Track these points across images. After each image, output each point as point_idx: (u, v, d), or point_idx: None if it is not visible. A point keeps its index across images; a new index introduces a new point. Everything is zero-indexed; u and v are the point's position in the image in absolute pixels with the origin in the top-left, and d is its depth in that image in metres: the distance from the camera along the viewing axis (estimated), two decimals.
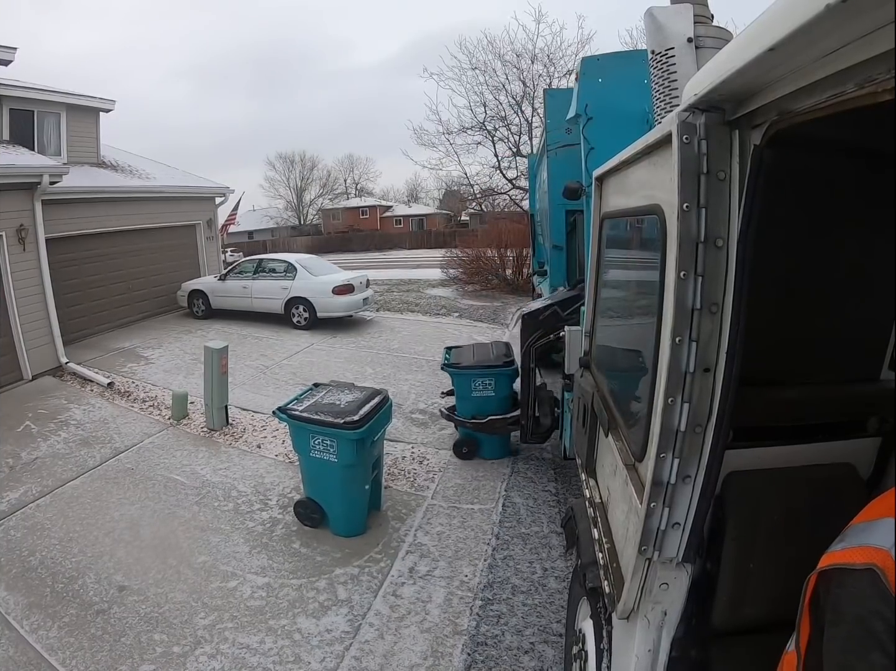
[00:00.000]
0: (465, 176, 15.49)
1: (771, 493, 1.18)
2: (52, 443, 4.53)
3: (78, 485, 3.84)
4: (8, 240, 5.91)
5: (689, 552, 1.05)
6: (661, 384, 0.98)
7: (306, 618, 2.46)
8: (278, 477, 3.75)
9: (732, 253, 0.92)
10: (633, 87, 2.34)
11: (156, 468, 3.96)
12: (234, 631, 2.43)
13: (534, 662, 2.14)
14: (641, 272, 1.40)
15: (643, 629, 1.15)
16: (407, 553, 2.87)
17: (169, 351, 6.94)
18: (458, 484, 3.60)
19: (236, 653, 2.31)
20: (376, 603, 2.52)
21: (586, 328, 1.96)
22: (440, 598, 2.52)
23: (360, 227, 35.62)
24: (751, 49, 0.70)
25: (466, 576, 2.66)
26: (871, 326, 1.41)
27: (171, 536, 3.16)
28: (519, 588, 2.54)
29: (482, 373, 3.85)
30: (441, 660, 2.20)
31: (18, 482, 3.93)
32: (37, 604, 2.72)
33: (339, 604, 2.53)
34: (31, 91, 8.90)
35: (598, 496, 1.56)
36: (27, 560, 3.06)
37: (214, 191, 10.56)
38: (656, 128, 1.12)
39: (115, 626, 2.53)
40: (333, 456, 2.75)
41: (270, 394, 5.24)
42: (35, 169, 6.04)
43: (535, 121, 13.72)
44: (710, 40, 1.50)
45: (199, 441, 4.38)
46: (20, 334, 6.04)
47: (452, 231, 27.11)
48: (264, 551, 2.94)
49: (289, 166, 38.17)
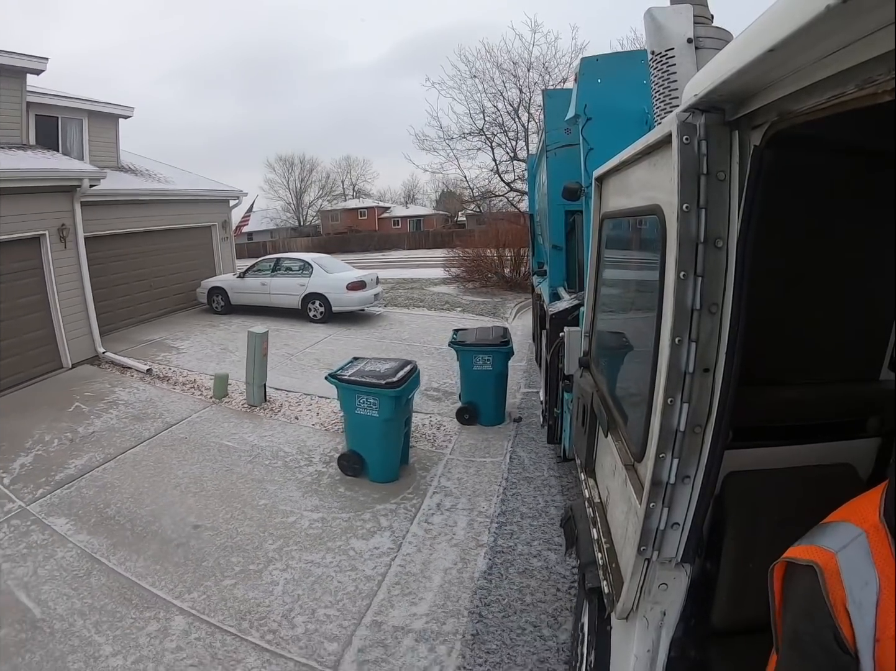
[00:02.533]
0: (465, 179, 16.18)
1: (771, 493, 1.17)
2: (105, 419, 5.07)
3: (138, 452, 4.39)
4: (50, 238, 6.44)
5: (688, 552, 1.04)
6: (661, 384, 0.98)
7: (357, 540, 3.06)
8: (317, 441, 4.35)
9: (732, 253, 0.92)
10: (633, 88, 2.36)
11: (207, 437, 4.53)
12: (298, 551, 3.02)
13: (540, 562, 2.78)
14: (641, 272, 1.41)
15: (642, 629, 1.15)
16: (434, 493, 3.49)
17: (197, 342, 7.50)
18: (472, 443, 4.25)
19: (303, 567, 2.90)
20: (413, 527, 3.13)
21: (586, 328, 1.97)
22: (464, 523, 3.14)
23: (359, 227, 36.11)
24: (751, 50, 0.70)
25: (484, 508, 3.29)
26: (871, 326, 1.39)
27: (232, 487, 3.73)
28: (526, 514, 3.19)
29: (482, 350, 4.49)
30: (468, 565, 2.81)
31: (81, 451, 4.46)
32: (120, 544, 3.26)
33: (382, 530, 3.13)
34: (55, 98, 9.39)
35: (597, 496, 1.56)
36: (104, 511, 3.60)
37: (228, 194, 11.12)
38: (656, 128, 1.11)
39: (195, 555, 3.09)
40: (375, 412, 3.38)
41: (299, 377, 5.84)
42: (76, 173, 6.59)
43: (532, 126, 14.43)
44: (710, 41, 1.50)
45: (241, 415, 4.96)
46: (61, 325, 6.56)
47: (450, 232, 27.74)
48: (315, 495, 3.54)
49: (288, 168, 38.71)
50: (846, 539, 0.61)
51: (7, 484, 3.96)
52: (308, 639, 2.41)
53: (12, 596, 2.78)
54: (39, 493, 3.80)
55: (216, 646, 2.41)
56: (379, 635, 2.42)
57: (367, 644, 2.37)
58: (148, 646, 2.42)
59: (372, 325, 8.69)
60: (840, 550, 0.60)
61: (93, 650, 2.41)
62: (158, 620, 2.59)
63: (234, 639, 2.44)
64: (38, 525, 3.44)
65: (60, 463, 4.22)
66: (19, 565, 3.03)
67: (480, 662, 2.24)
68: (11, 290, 6.01)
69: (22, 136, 7.40)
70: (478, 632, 2.39)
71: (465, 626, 2.43)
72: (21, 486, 3.88)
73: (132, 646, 2.43)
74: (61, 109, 9.38)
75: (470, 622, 2.45)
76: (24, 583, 2.87)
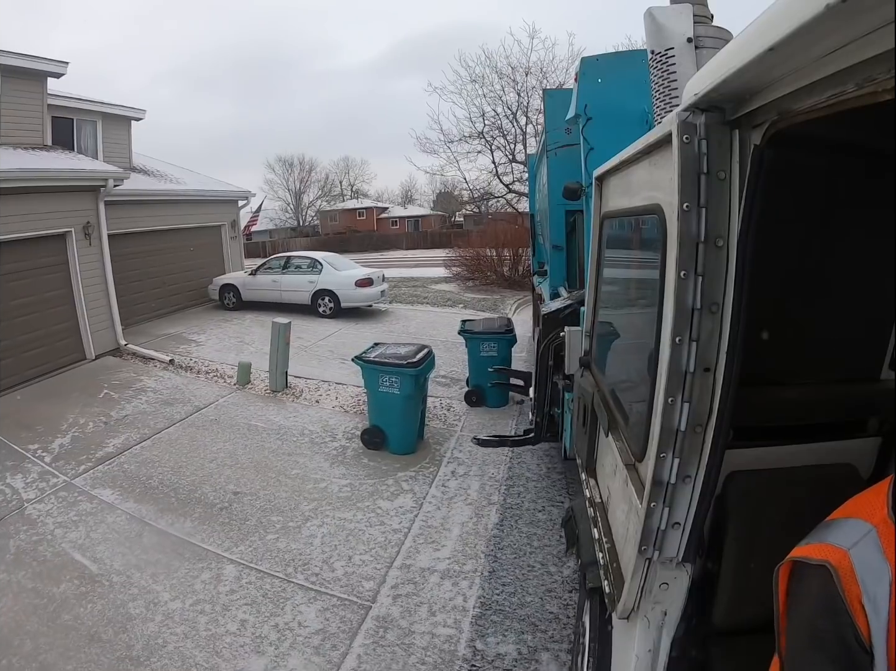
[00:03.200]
0: (465, 181, 16.64)
1: (771, 493, 1.17)
2: (135, 404, 5.43)
3: (172, 432, 4.75)
4: (76, 235, 6.78)
5: (689, 552, 1.05)
6: (662, 384, 0.98)
7: (383, 501, 3.47)
8: (339, 421, 4.76)
9: (732, 253, 0.91)
10: (633, 88, 2.36)
11: (235, 418, 4.91)
12: (331, 510, 3.42)
13: (545, 516, 3.22)
14: (641, 272, 1.40)
15: (643, 629, 1.15)
16: (448, 462, 3.93)
17: (214, 335, 7.87)
18: (479, 422, 4.69)
19: (337, 523, 3.30)
20: (431, 490, 3.55)
21: (586, 328, 1.99)
22: (476, 486, 3.57)
23: (358, 228, 36.43)
24: (751, 49, 0.69)
25: (493, 474, 3.73)
26: (871, 326, 1.39)
27: (264, 460, 4.12)
28: (531, 478, 3.63)
29: (488, 338, 4.95)
30: (482, 519, 3.23)
31: (117, 432, 4.81)
32: (166, 509, 3.62)
33: (404, 493, 3.54)
34: (71, 100, 9.71)
35: (598, 496, 1.57)
36: (147, 482, 3.96)
37: (237, 194, 11.48)
38: (656, 128, 1.11)
39: (238, 516, 3.47)
40: (397, 389, 3.82)
41: (315, 366, 6.24)
42: (102, 173, 6.95)
43: (530, 130, 14.91)
44: (710, 40, 1.50)
45: (265, 399, 5.35)
46: (85, 318, 6.90)
47: (448, 232, 28.17)
48: (342, 465, 3.94)
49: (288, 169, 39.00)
50: (857, 535, 0.61)
51: (49, 461, 4.29)
52: (347, 580, 2.80)
53: (68, 556, 3.10)
54: (82, 469, 4.14)
55: (266, 588, 2.79)
56: (409, 575, 2.82)
57: (399, 582, 2.77)
58: (203, 591, 2.78)
59: (379, 320, 9.10)
60: (852, 547, 0.60)
61: (152, 597, 2.75)
62: (211, 570, 2.95)
63: (282, 582, 2.82)
64: (86, 496, 3.78)
65: (98, 442, 4.56)
66: (71, 530, 3.35)
67: (497, 593, 2.66)
68: (39, 284, 6.35)
69: (43, 138, 7.73)
70: (494, 570, 2.81)
71: (482, 566, 2.84)
72: (63, 464, 4.21)
73: (189, 592, 2.78)
74: (76, 111, 9.69)
75: (486, 562, 2.86)
76: (79, 545, 3.20)
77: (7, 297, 5.89)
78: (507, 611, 2.54)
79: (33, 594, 2.72)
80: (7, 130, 7.00)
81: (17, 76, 7.13)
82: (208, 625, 2.52)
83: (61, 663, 2.29)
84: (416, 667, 2.24)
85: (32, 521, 3.39)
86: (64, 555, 3.08)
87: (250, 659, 2.33)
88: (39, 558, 3.03)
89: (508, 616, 2.50)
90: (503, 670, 2.21)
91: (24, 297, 6.09)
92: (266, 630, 2.48)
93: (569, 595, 2.58)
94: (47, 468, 4.16)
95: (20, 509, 3.52)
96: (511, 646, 2.33)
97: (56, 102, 9.35)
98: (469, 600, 2.61)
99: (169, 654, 2.35)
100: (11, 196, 5.75)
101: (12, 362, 5.90)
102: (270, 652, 2.35)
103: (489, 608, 2.56)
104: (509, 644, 2.34)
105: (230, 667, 2.29)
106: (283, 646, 2.38)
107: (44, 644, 2.39)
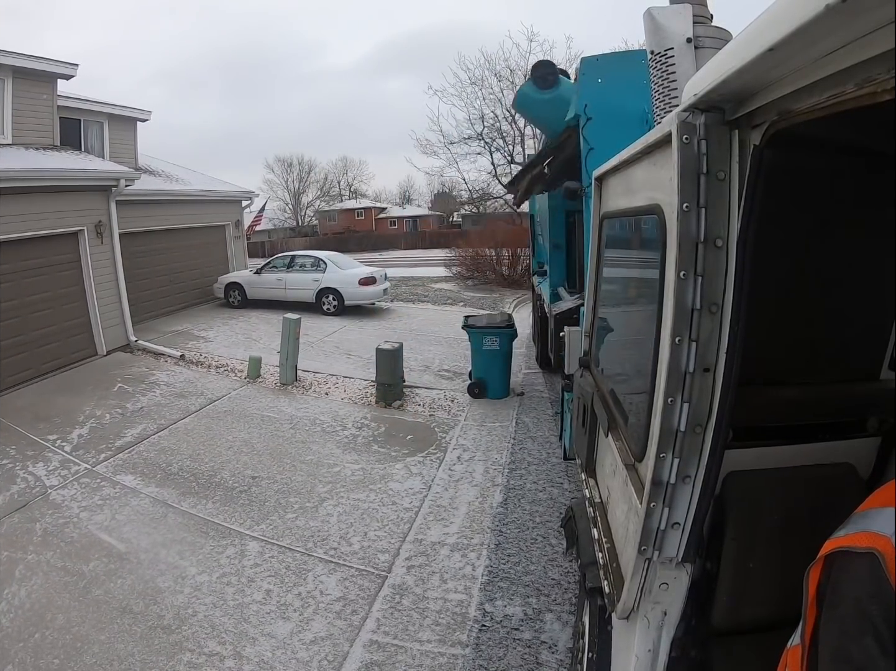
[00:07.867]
0: (465, 182, 16.90)
1: (771, 493, 1.17)
2: (150, 397, 5.62)
3: (188, 422, 4.95)
4: (88, 233, 6.96)
5: (688, 552, 1.05)
6: (661, 384, 0.98)
7: (394, 483, 3.69)
8: (348, 412, 4.98)
9: (732, 253, 0.92)
10: (633, 88, 2.38)
11: (248, 409, 5.12)
12: (346, 492, 3.64)
13: (546, 495, 3.46)
14: (641, 272, 1.40)
15: (643, 629, 1.16)
16: (453, 449, 4.16)
17: (222, 332, 8.07)
18: (482, 412, 4.93)
19: (352, 503, 3.52)
20: (439, 473, 3.78)
21: (586, 328, 1.99)
22: (481, 469, 3.80)
23: (356, 228, 36.60)
24: (750, 49, 0.70)
25: (496, 459, 3.97)
26: (871, 326, 1.39)
27: (279, 448, 4.33)
28: (532, 462, 3.88)
29: (490, 332, 5.18)
30: (487, 498, 3.46)
31: (134, 423, 4.99)
32: (188, 493, 3.81)
33: (413, 476, 3.77)
34: (78, 101, 9.87)
35: (597, 496, 1.57)
36: (167, 469, 4.15)
37: (241, 194, 11.67)
38: (656, 128, 1.12)
39: (257, 497, 3.68)
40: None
41: (323, 361, 6.45)
42: (114, 173, 7.13)
43: (528, 131, 15.17)
44: (710, 40, 1.50)
45: (276, 392, 5.56)
46: (97, 315, 7.08)
47: (446, 232, 28.41)
48: (353, 451, 4.16)
49: (286, 169, 39.12)
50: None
51: (69, 450, 4.47)
52: (364, 553, 3.02)
53: (95, 537, 3.29)
54: (102, 457, 4.33)
55: (288, 561, 3.00)
56: (421, 548, 3.04)
57: (412, 554, 2.99)
58: (229, 565, 2.99)
59: (382, 317, 9.32)
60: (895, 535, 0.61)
61: (179, 572, 2.94)
62: (235, 546, 3.16)
63: (303, 556, 3.03)
64: (108, 482, 3.97)
65: (116, 433, 4.75)
66: (97, 513, 3.54)
67: (503, 563, 2.88)
68: (54, 281, 6.53)
69: (53, 138, 7.90)
70: (499, 543, 3.04)
71: (489, 539, 3.07)
72: (83, 453, 4.39)
73: (215, 566, 2.98)
74: (83, 112, 9.84)
75: (492, 536, 3.09)
76: (105, 526, 3.39)
77: (24, 293, 6.07)
78: (513, 578, 2.76)
79: (63, 572, 2.88)
80: (18, 131, 7.17)
81: (29, 78, 7.30)
82: (235, 596, 2.72)
83: (94, 634, 2.44)
84: (431, 628, 2.46)
85: (57, 506, 3.56)
86: (91, 536, 3.26)
87: (277, 624, 2.53)
88: (67, 539, 3.20)
89: (514, 582, 2.73)
90: (511, 629, 2.44)
91: (39, 293, 6.28)
92: (290, 598, 2.69)
93: (569, 564, 2.81)
94: (68, 456, 4.33)
95: (44, 495, 3.68)
96: (517, 608, 2.56)
97: (64, 103, 9.54)
98: (477, 569, 2.84)
99: (199, 622, 2.53)
100: (27, 195, 5.94)
101: (27, 356, 6.08)
102: (295, 617, 2.56)
103: (496, 576, 2.78)
104: (516, 606, 2.57)
105: (258, 631, 2.49)
106: (307, 611, 2.59)
107: (76, 617, 2.54)
